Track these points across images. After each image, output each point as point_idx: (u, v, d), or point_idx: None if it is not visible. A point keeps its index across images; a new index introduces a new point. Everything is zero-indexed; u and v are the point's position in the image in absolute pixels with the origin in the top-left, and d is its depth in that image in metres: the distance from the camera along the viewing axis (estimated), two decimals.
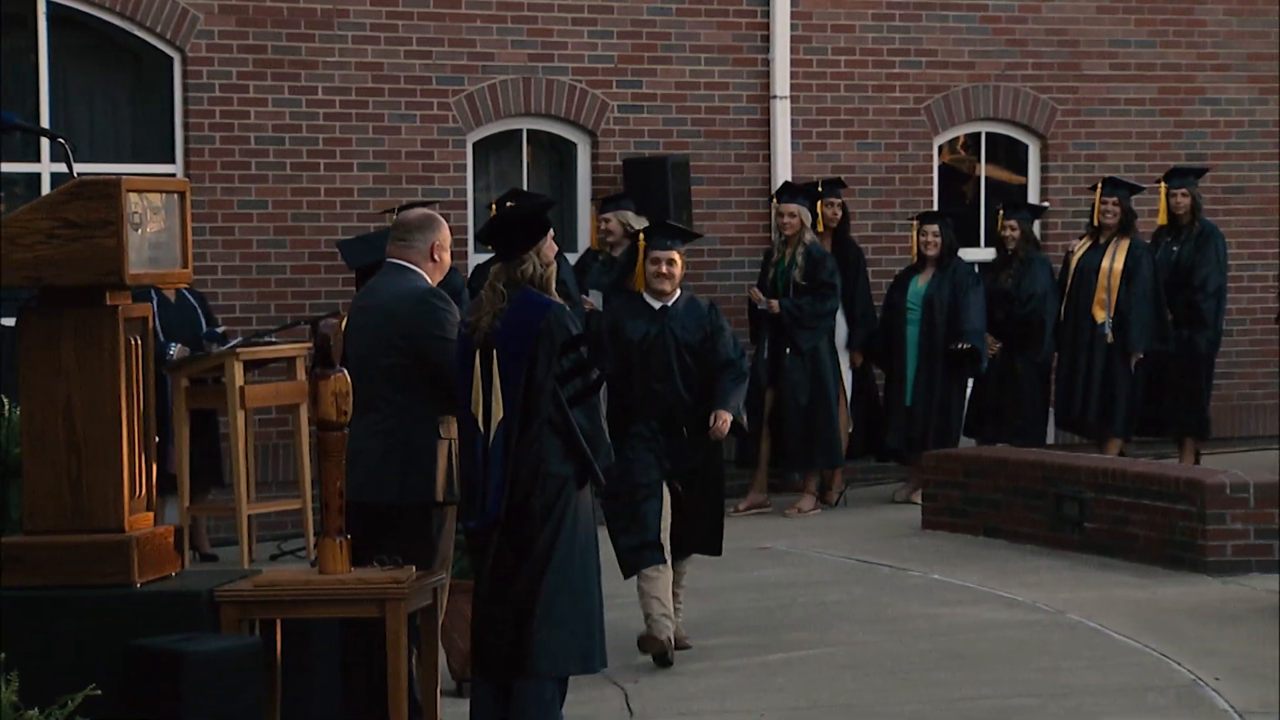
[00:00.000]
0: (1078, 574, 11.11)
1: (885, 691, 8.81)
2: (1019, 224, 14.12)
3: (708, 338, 9.67)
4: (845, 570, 11.55)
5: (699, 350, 9.64)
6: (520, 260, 7.59)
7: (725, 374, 9.64)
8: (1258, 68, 15.86)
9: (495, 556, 7.50)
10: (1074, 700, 8.56)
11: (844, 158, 14.81)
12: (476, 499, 7.51)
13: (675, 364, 9.61)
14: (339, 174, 13.56)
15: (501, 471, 7.45)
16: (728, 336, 9.79)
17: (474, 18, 13.89)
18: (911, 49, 14.98)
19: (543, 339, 7.48)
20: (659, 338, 9.63)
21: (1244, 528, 10.87)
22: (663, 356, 9.61)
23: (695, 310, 9.75)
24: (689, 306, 9.76)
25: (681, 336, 9.63)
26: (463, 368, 7.57)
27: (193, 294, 12.34)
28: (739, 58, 14.56)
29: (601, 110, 14.25)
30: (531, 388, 7.47)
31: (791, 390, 13.53)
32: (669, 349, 9.62)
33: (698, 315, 9.71)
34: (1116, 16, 15.53)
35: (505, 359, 7.49)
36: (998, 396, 14.07)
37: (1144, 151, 15.44)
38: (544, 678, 7.54)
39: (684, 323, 9.66)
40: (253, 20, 13.33)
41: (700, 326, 9.67)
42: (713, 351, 9.68)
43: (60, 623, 7.14)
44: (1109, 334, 13.95)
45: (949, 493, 12.57)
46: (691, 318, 9.69)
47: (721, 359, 9.69)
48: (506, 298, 7.55)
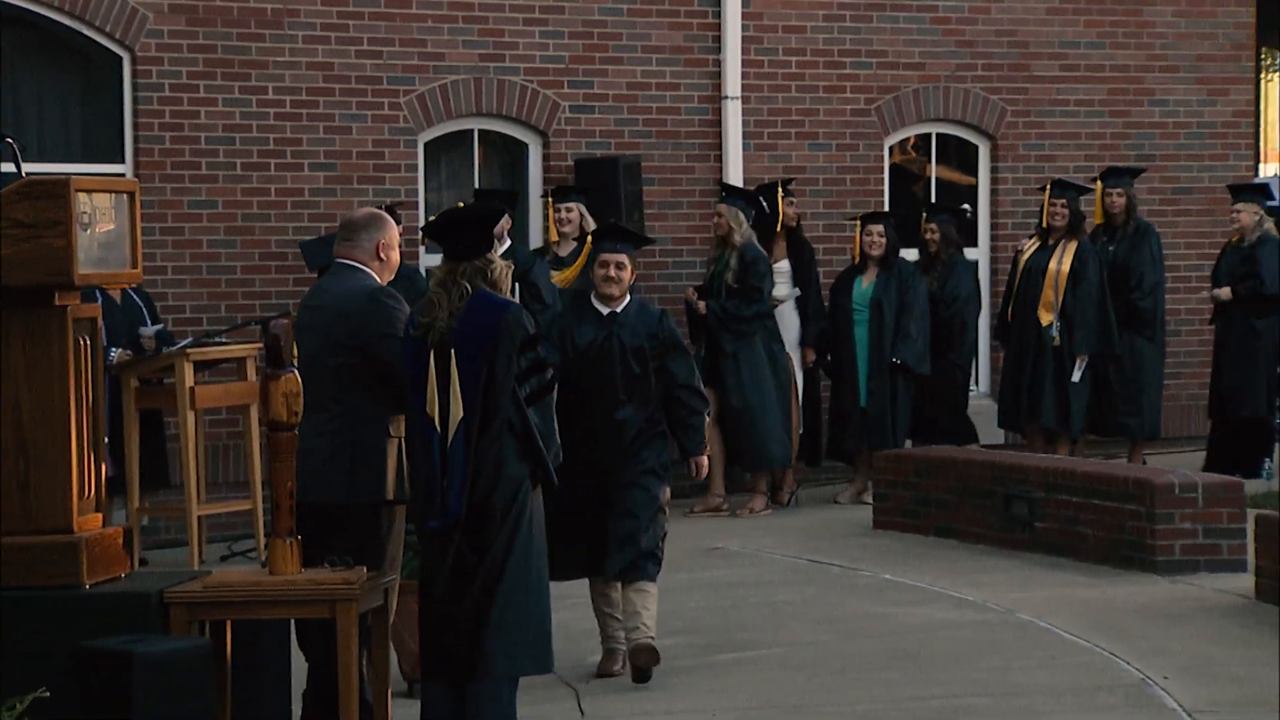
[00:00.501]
0: (1028, 574, 11.14)
1: (836, 691, 8.82)
2: (939, 226, 14.14)
3: (659, 346, 9.32)
4: (796, 570, 11.56)
5: (647, 358, 9.29)
6: (487, 261, 7.59)
7: (682, 398, 9.31)
8: (1206, 69, 15.94)
9: (456, 557, 7.49)
10: (1024, 699, 8.59)
11: (795, 158, 14.84)
12: (436, 499, 7.49)
13: (620, 371, 9.26)
14: (290, 174, 13.53)
15: (463, 471, 7.45)
16: (682, 353, 9.46)
17: (425, 18, 13.87)
18: (862, 50, 15.02)
19: (503, 339, 7.48)
20: (606, 344, 9.28)
21: (1193, 527, 10.93)
22: (608, 363, 9.26)
23: (646, 317, 9.41)
24: (639, 313, 9.42)
25: (630, 343, 9.29)
26: (416, 368, 7.55)
27: (138, 293, 12.28)
28: (690, 58, 14.57)
29: (553, 110, 14.25)
30: (492, 388, 7.47)
31: (725, 392, 13.54)
32: (614, 356, 9.27)
33: (649, 323, 9.37)
34: (1066, 18, 15.59)
35: (464, 359, 7.48)
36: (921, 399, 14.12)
37: (1093, 152, 15.51)
38: (500, 678, 7.54)
39: (633, 330, 9.32)
40: (203, 20, 13.29)
41: (651, 334, 9.32)
42: (671, 369, 9.33)
43: (9, 624, 7.10)
44: (1056, 336, 14.00)
45: (900, 493, 12.60)
46: (642, 325, 9.35)
47: (675, 379, 9.35)
48: (465, 298, 7.53)
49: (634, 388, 9.27)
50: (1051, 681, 8.84)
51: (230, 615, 7.31)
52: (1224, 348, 14.31)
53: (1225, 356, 14.28)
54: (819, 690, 8.86)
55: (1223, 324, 14.34)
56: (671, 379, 9.34)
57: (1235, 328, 14.21)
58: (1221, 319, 14.36)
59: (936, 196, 15.38)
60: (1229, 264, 14.26)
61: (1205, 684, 8.68)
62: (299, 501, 7.42)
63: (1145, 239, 14.34)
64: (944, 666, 9.17)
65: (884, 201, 15.08)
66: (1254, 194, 14.37)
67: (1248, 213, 14.21)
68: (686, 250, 14.61)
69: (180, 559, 11.88)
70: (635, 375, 9.27)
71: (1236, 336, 14.20)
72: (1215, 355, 14.48)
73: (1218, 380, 14.37)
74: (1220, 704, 8.39)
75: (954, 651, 9.43)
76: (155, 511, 12.61)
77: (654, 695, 8.84)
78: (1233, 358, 14.21)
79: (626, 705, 8.78)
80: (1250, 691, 8.58)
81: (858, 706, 8.57)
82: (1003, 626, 9.91)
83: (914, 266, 14.03)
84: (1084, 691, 8.65)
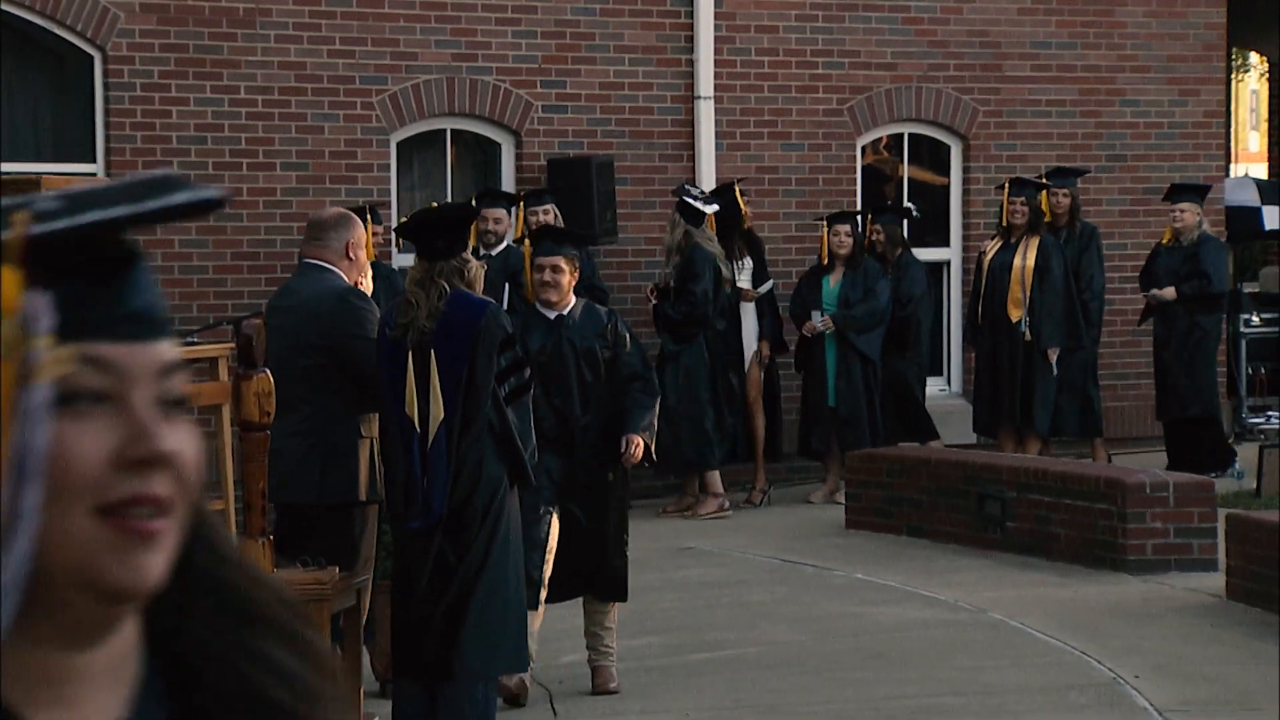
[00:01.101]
0: (1000, 573, 11.16)
1: (809, 690, 8.83)
2: (884, 227, 14.14)
3: (610, 347, 8.91)
4: (769, 570, 11.57)
5: (600, 361, 8.87)
6: (463, 260, 7.59)
7: (632, 389, 8.89)
8: (1177, 69, 15.98)
9: (437, 557, 7.46)
10: (996, 699, 8.60)
11: (768, 158, 14.85)
12: (418, 499, 7.47)
13: (574, 377, 8.82)
14: (262, 173, 13.50)
15: (445, 471, 7.44)
16: (633, 346, 9.05)
17: (397, 17, 13.86)
18: (835, 50, 15.03)
19: (484, 338, 7.47)
20: (556, 349, 8.85)
21: (1164, 527, 10.95)
22: (560, 370, 8.83)
23: (593, 318, 8.98)
24: (586, 315, 8.99)
25: (580, 346, 8.86)
26: (393, 368, 7.53)
27: None
28: (663, 58, 14.57)
29: (526, 110, 14.24)
30: (473, 387, 7.46)
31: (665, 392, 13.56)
32: (567, 361, 8.85)
33: (596, 324, 8.95)
34: (1038, 18, 15.62)
35: (444, 359, 7.47)
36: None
37: (1065, 152, 15.54)
38: (475, 678, 7.52)
39: (582, 332, 8.89)
40: (174, 19, 13.26)
41: (601, 335, 8.89)
42: (617, 363, 8.92)
43: None
44: (1026, 332, 14.03)
45: (872, 493, 12.61)
46: (590, 327, 8.92)
47: (626, 372, 8.92)
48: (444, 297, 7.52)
49: (589, 393, 8.87)
50: (1023, 680, 8.85)
51: None
52: (1166, 348, 14.34)
53: (1169, 356, 14.31)
54: (792, 690, 8.86)
55: (1164, 324, 14.36)
56: (620, 372, 8.93)
57: (1178, 327, 14.25)
58: (1162, 319, 14.38)
59: (909, 197, 15.40)
60: (1168, 264, 14.30)
61: (1176, 683, 8.70)
62: (271, 502, 7.41)
63: (1094, 241, 14.40)
64: (916, 666, 9.18)
65: (856, 201, 15.09)
66: (1195, 194, 14.44)
67: (1191, 212, 14.27)
68: (659, 250, 14.60)
69: None
70: (588, 381, 8.86)
71: (1180, 336, 14.23)
72: (1157, 356, 14.50)
73: (1163, 380, 14.40)
74: (1191, 703, 8.41)
75: (926, 651, 9.44)
76: None
77: (626, 696, 8.84)
78: (1178, 357, 14.24)
79: (599, 705, 8.78)
80: (1221, 690, 8.60)
81: (831, 706, 8.58)
82: (975, 626, 9.92)
83: (880, 267, 14.04)
84: (1055, 690, 8.67)
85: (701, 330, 13.42)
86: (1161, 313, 14.32)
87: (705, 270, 13.36)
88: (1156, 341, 14.46)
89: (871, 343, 13.85)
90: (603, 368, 8.90)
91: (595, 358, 8.89)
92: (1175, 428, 14.37)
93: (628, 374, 8.93)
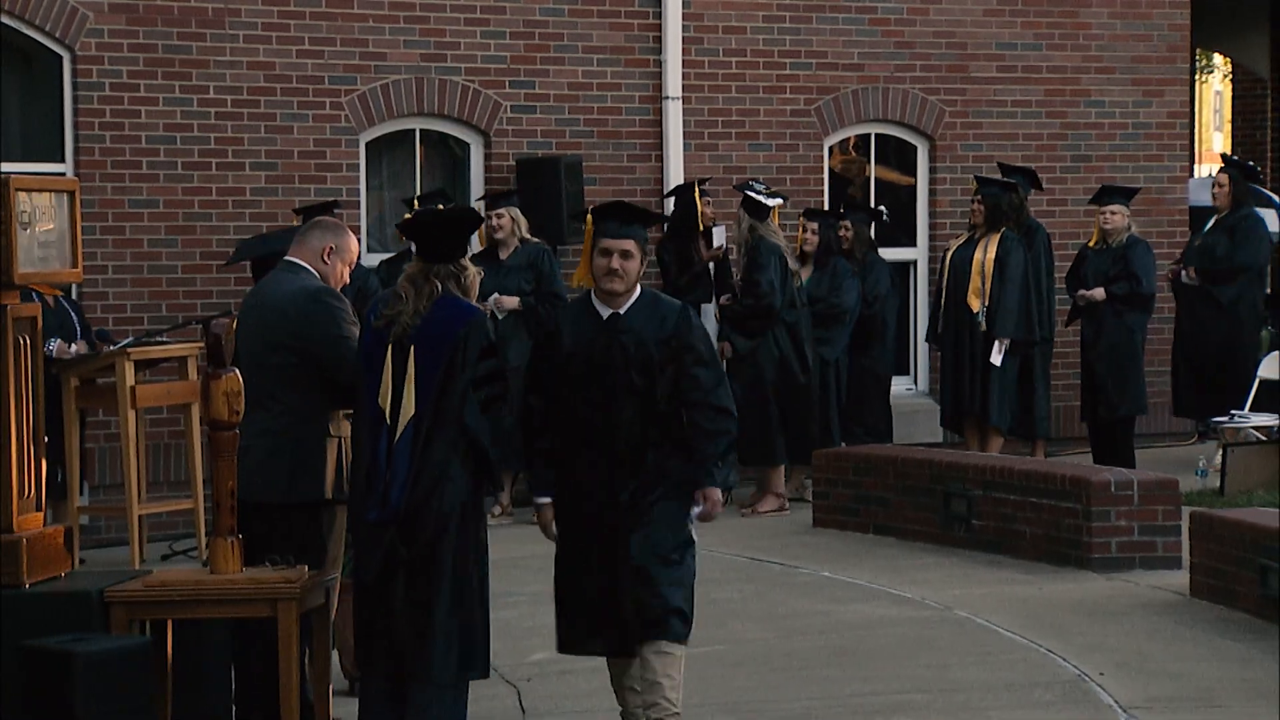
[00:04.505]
0: (966, 571, 11.22)
1: (776, 688, 8.87)
2: (854, 225, 14.19)
3: (673, 353, 7.65)
4: (736, 568, 11.61)
5: (656, 367, 7.64)
6: (461, 267, 7.59)
7: (706, 422, 7.62)
8: (1141, 70, 16.06)
9: (388, 550, 7.45)
10: (962, 696, 8.65)
11: (735, 158, 14.90)
12: (377, 490, 7.46)
13: (620, 387, 7.65)
14: (231, 173, 13.51)
15: (407, 467, 7.45)
16: (709, 362, 7.68)
17: (366, 17, 13.88)
18: (802, 51, 15.08)
19: (467, 344, 7.47)
20: (606, 353, 7.68)
21: (1128, 524, 11.02)
22: (605, 378, 7.65)
23: (658, 314, 7.70)
24: (651, 310, 7.71)
25: (635, 353, 7.64)
26: (372, 358, 7.54)
27: (68, 300, 12.25)
28: (631, 59, 14.61)
29: (494, 110, 14.27)
30: (448, 390, 7.47)
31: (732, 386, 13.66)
32: (615, 367, 7.65)
33: (660, 321, 7.68)
34: (1003, 19, 15.68)
35: (422, 358, 7.48)
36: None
37: (1031, 153, 15.61)
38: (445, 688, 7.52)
39: (640, 333, 7.65)
40: (143, 19, 13.27)
41: (663, 338, 7.64)
42: (683, 379, 7.64)
43: None
44: (982, 322, 14.10)
45: (839, 491, 12.67)
46: (652, 325, 7.67)
47: (697, 396, 7.64)
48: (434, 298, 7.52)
49: (639, 406, 7.65)
50: (989, 678, 8.90)
51: (171, 614, 7.32)
52: (1092, 349, 14.41)
53: (1095, 357, 14.38)
54: (759, 687, 8.90)
55: (1091, 326, 14.43)
56: (686, 391, 7.66)
57: (1106, 328, 14.32)
58: (1089, 320, 14.45)
59: (876, 197, 15.46)
60: (1097, 266, 14.37)
61: (1140, 680, 8.76)
62: (240, 500, 7.43)
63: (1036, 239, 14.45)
64: (883, 663, 9.23)
65: (824, 201, 15.15)
66: (1124, 196, 14.53)
67: (1121, 214, 14.35)
68: None
69: (121, 558, 11.86)
70: (638, 388, 7.63)
71: (1108, 336, 14.31)
72: (1084, 356, 14.57)
73: (1090, 381, 14.47)
74: (1155, 700, 8.47)
75: (893, 648, 9.49)
76: (96, 510, 12.58)
77: (595, 692, 8.87)
78: (1106, 358, 14.31)
79: (567, 703, 8.81)
80: (1185, 687, 8.66)
81: (797, 703, 8.63)
82: (941, 623, 9.97)
83: (849, 266, 14.09)
84: (1021, 688, 8.72)
85: (769, 325, 13.43)
86: (1089, 314, 14.39)
87: (770, 261, 13.40)
88: (1084, 343, 14.53)
89: (834, 341, 13.90)
90: (658, 376, 7.64)
91: (652, 363, 7.65)
92: (1100, 428, 14.45)
93: (694, 396, 7.65)
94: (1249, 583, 9.75)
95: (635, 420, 7.64)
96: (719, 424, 7.69)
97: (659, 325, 7.69)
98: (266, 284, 8.09)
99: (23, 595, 7.19)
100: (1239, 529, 9.92)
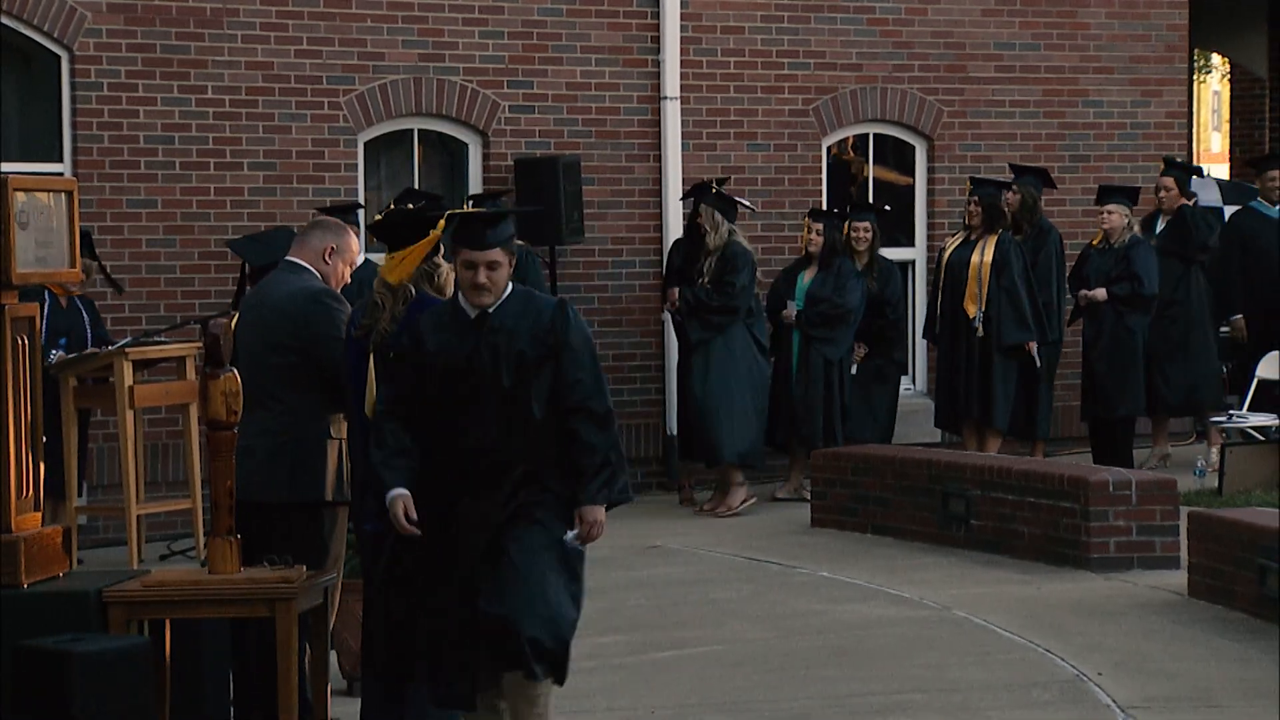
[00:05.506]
0: (964, 571, 11.22)
1: (774, 688, 8.88)
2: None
3: (548, 352, 7.03)
4: (735, 568, 11.61)
5: (530, 368, 7.01)
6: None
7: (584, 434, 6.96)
8: (1139, 70, 16.06)
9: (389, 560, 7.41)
10: (960, 696, 8.65)
11: (734, 158, 14.90)
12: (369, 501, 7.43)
13: (489, 393, 7.02)
14: (229, 173, 13.52)
15: None
16: (588, 363, 7.03)
17: (364, 17, 13.88)
18: (800, 51, 15.09)
19: None
20: (473, 354, 7.05)
21: (1126, 524, 11.02)
22: (472, 381, 7.02)
23: (532, 310, 7.08)
24: (524, 306, 7.09)
25: (505, 352, 7.01)
26: (357, 369, 7.55)
27: (84, 300, 12.27)
28: (629, 59, 14.62)
29: (493, 110, 14.27)
30: None
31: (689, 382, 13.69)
32: (483, 370, 7.01)
33: (534, 317, 7.05)
34: (1002, 19, 15.69)
35: None
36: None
37: (1028, 153, 15.61)
38: None
39: (512, 331, 7.03)
40: (141, 19, 13.27)
41: (537, 335, 7.03)
42: (559, 382, 7.00)
43: None
44: (979, 328, 14.10)
45: (837, 491, 12.67)
46: (525, 322, 7.04)
47: (574, 401, 6.97)
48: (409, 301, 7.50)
49: (511, 412, 7.01)
50: (987, 678, 8.91)
51: (169, 614, 7.32)
52: (1093, 348, 14.42)
53: (1097, 357, 14.39)
54: (757, 687, 8.91)
55: (1093, 325, 14.44)
56: (563, 397, 7.01)
57: (1107, 328, 14.33)
58: (1091, 320, 14.46)
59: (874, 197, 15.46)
60: (1099, 266, 14.37)
61: (1139, 680, 8.77)
62: (239, 500, 7.44)
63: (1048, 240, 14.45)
64: (881, 663, 9.23)
65: (822, 201, 15.15)
66: (1123, 196, 14.53)
67: (1119, 214, 14.35)
68: (626, 250, 14.66)
69: (119, 558, 11.86)
70: (508, 395, 6.99)
71: (1109, 336, 14.31)
72: (1085, 356, 14.58)
73: (1090, 381, 14.48)
74: (1153, 699, 8.48)
75: (891, 648, 9.49)
76: (94, 510, 12.58)
77: (593, 693, 8.88)
78: (1106, 358, 14.32)
79: (566, 703, 8.81)
80: (1183, 687, 8.67)
81: (795, 703, 8.63)
82: (939, 623, 9.98)
83: (853, 267, 14.10)
84: (1019, 688, 8.73)
85: (730, 322, 13.45)
86: (1090, 314, 14.40)
87: (746, 266, 13.54)
88: (1085, 342, 14.54)
89: (837, 341, 13.91)
90: (531, 378, 7.01)
91: (524, 363, 7.02)
92: (1100, 428, 14.46)
93: (571, 400, 7.00)
94: (1247, 583, 9.76)
95: (506, 430, 6.97)
96: (599, 435, 6.99)
97: (533, 321, 7.02)
98: (267, 284, 8.09)
99: (21, 595, 7.19)
100: (1237, 529, 9.92)
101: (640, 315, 14.57)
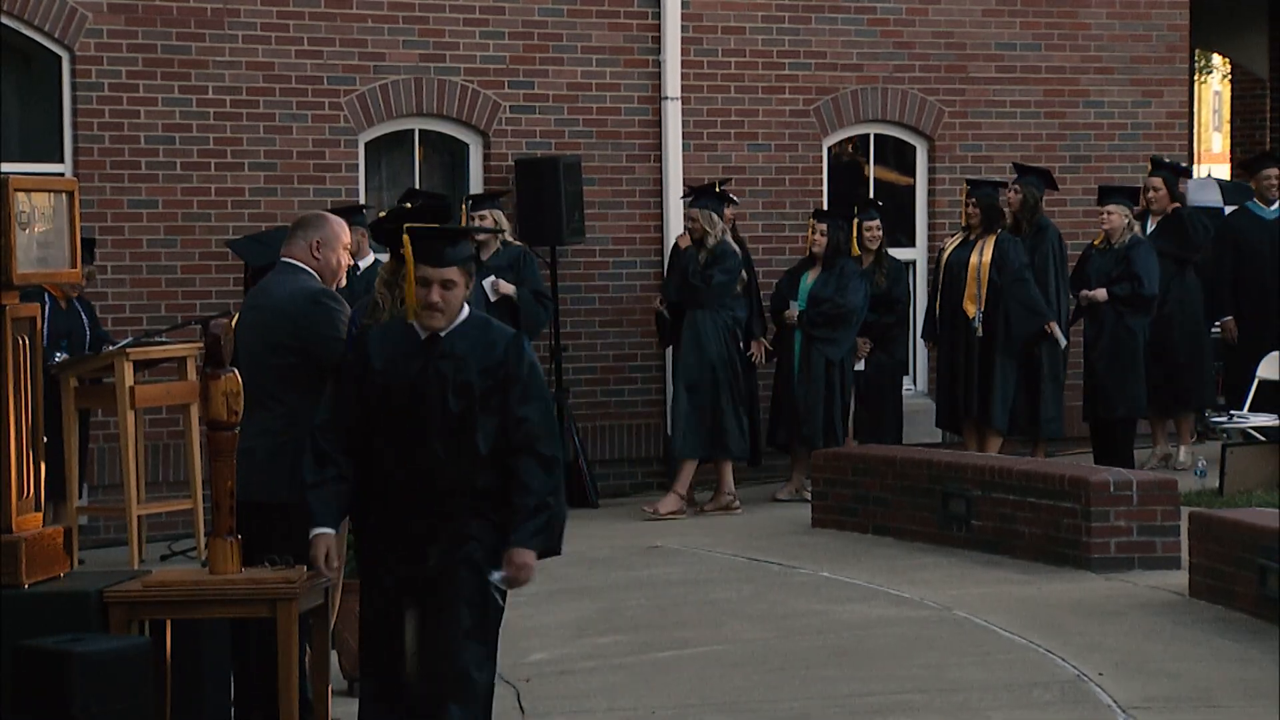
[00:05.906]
0: (964, 571, 11.22)
1: (774, 688, 8.88)
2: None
3: (497, 385, 6.83)
4: (735, 568, 11.62)
5: (477, 399, 6.82)
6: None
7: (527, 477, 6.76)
8: (1140, 70, 16.07)
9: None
10: (960, 696, 8.66)
11: (734, 159, 14.90)
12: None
13: (434, 421, 6.83)
14: (230, 173, 13.52)
15: None
16: (537, 402, 6.85)
17: (365, 17, 13.89)
18: (801, 51, 15.09)
19: None
20: (420, 378, 6.86)
21: (1127, 525, 11.02)
22: (418, 409, 6.83)
23: (486, 340, 6.89)
24: (479, 334, 6.91)
25: (454, 380, 6.82)
26: None
27: (82, 302, 12.28)
28: (630, 59, 14.62)
29: (493, 111, 14.28)
30: None
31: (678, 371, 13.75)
32: (430, 396, 6.82)
33: (487, 348, 6.87)
34: (1002, 20, 15.69)
35: None
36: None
37: (1029, 153, 15.61)
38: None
39: (463, 360, 6.84)
40: (142, 19, 13.28)
41: (488, 367, 6.84)
42: (508, 419, 6.79)
43: None
44: (978, 328, 14.11)
45: (838, 491, 12.67)
46: (477, 351, 6.86)
47: (520, 439, 6.78)
48: None
49: (458, 439, 6.83)
50: (987, 678, 8.91)
51: (170, 615, 7.32)
52: (1094, 349, 14.42)
53: (1097, 358, 14.39)
54: (758, 687, 8.91)
55: (1094, 325, 14.45)
56: (510, 433, 6.82)
57: (1107, 328, 14.33)
58: (1091, 320, 14.46)
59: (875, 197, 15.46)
60: (1100, 266, 14.36)
61: (1139, 680, 8.77)
62: (239, 501, 7.44)
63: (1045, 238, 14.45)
64: (881, 663, 9.24)
65: (823, 201, 15.16)
66: (1124, 196, 14.53)
67: (1119, 214, 14.34)
68: (627, 250, 14.67)
69: (120, 559, 11.87)
70: (455, 422, 6.81)
71: (1109, 337, 14.31)
72: (1086, 356, 14.58)
73: (1091, 381, 14.48)
74: (1154, 700, 8.48)
75: (891, 648, 9.50)
76: (95, 511, 12.59)
77: (593, 693, 8.89)
78: (1106, 359, 14.32)
79: (567, 703, 8.82)
80: (1183, 687, 8.67)
81: (796, 703, 8.63)
82: (939, 624, 9.98)
83: (856, 268, 14.10)
84: (1019, 688, 8.73)
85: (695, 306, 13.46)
86: (1091, 314, 14.40)
87: (734, 265, 13.56)
88: (1086, 342, 14.54)
89: (838, 341, 13.91)
90: (477, 405, 6.82)
91: (471, 392, 6.81)
92: (1100, 428, 14.47)
93: (518, 439, 6.79)
94: (1248, 583, 9.76)
95: (452, 456, 6.77)
96: (540, 477, 6.78)
97: (485, 352, 6.82)
98: (267, 284, 8.10)
99: (21, 595, 7.19)
100: (1238, 529, 9.93)
101: (641, 315, 14.57)
